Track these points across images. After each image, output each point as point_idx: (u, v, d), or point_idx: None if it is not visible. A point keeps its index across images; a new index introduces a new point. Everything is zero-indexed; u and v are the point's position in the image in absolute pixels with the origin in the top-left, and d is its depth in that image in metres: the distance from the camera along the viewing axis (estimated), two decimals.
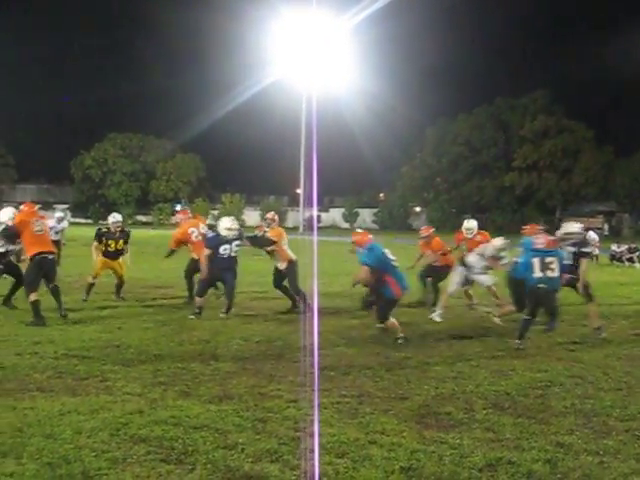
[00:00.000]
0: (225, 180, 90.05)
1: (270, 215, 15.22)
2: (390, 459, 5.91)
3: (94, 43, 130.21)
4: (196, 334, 11.26)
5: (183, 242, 15.26)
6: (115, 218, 15.80)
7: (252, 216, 75.08)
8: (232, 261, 13.39)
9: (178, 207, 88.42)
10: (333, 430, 6.57)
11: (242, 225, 13.52)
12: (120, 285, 15.53)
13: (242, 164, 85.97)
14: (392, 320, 11.27)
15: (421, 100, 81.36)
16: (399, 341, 10.97)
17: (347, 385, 8.27)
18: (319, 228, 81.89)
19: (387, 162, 79.84)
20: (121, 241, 15.36)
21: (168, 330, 11.65)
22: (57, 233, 23.44)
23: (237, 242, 13.36)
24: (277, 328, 12.15)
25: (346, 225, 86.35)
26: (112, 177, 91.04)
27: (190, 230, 15.04)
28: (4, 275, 14.39)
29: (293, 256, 14.18)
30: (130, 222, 71.28)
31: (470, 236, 15.17)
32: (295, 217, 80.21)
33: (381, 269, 11.25)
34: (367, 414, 7.16)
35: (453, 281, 14.15)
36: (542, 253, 11.07)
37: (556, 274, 11.06)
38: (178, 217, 16.20)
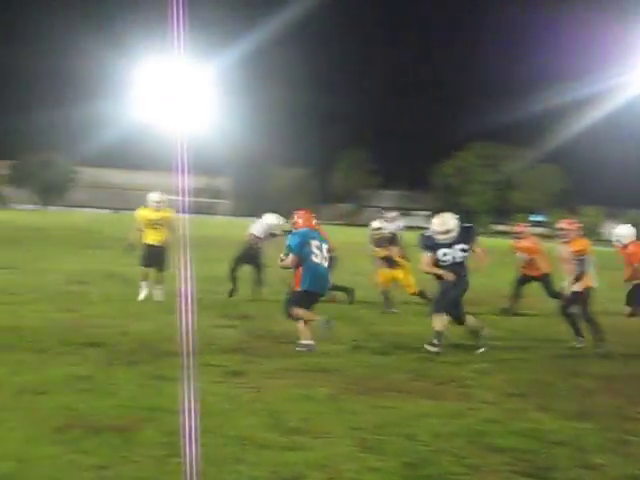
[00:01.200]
0: (586, 192, 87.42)
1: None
2: None
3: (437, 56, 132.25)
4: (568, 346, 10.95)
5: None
6: (374, 225, 15.25)
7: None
8: (458, 269, 10.48)
9: (534, 218, 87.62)
10: None
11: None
12: (417, 294, 14.80)
13: (604, 176, 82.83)
14: (301, 323, 10.01)
15: None
16: (298, 348, 9.74)
17: None
18: None
19: None
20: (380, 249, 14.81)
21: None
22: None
23: (461, 246, 10.55)
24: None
25: None
26: (471, 186, 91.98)
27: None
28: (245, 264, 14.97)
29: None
30: (484, 231, 71.47)
31: (622, 244, 12.36)
32: None
33: (302, 257, 10.07)
34: None
35: None
36: None
37: None
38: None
